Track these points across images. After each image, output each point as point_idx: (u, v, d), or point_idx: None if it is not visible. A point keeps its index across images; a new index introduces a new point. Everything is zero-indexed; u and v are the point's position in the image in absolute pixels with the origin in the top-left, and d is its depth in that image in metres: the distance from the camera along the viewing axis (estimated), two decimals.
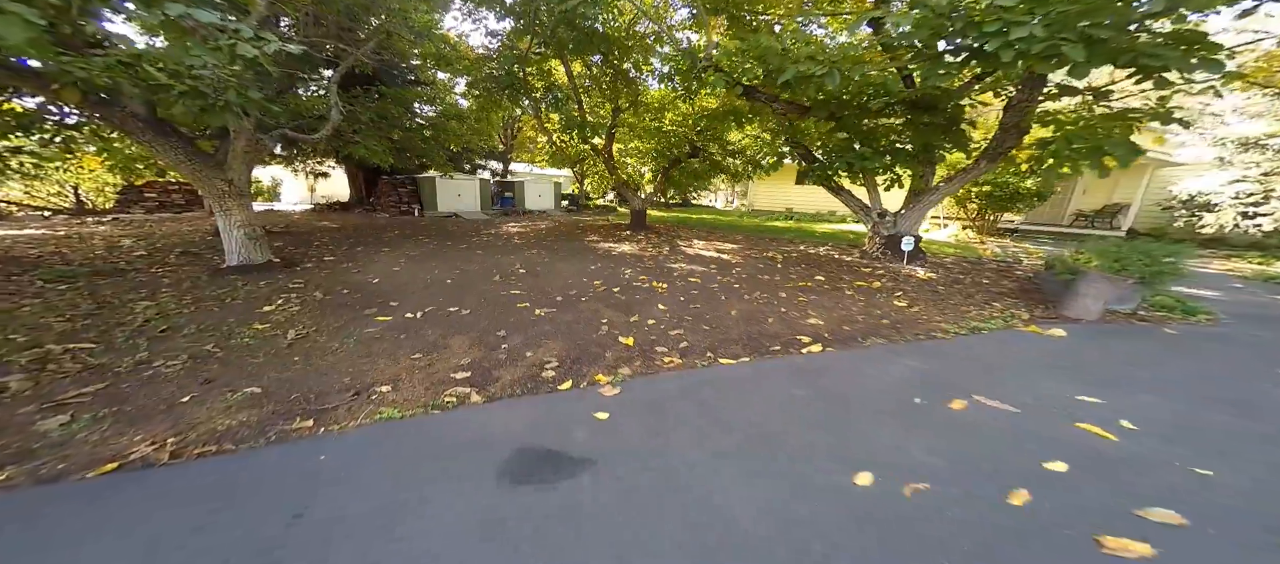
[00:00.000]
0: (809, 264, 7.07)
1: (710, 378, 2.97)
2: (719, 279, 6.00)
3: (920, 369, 3.14)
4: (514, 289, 5.25)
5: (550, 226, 12.80)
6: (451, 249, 8.15)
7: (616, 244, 9.18)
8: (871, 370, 3.12)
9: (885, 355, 3.40)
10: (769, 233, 11.97)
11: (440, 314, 4.30)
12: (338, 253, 7.45)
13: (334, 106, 6.68)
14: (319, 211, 16.23)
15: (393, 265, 6.50)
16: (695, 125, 11.00)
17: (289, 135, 6.37)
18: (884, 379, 2.97)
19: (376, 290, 5.11)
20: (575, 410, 2.55)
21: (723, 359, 3.25)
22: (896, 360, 3.30)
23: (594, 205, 24.12)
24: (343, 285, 5.26)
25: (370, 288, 5.21)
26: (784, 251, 8.39)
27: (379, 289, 5.16)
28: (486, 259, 7.19)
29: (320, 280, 5.45)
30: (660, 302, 4.83)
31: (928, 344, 3.65)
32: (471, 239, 9.61)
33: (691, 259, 7.56)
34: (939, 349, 3.55)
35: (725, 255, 7.97)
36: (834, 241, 10.06)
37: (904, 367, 3.18)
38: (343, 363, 3.18)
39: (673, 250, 8.47)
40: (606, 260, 7.25)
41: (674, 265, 6.96)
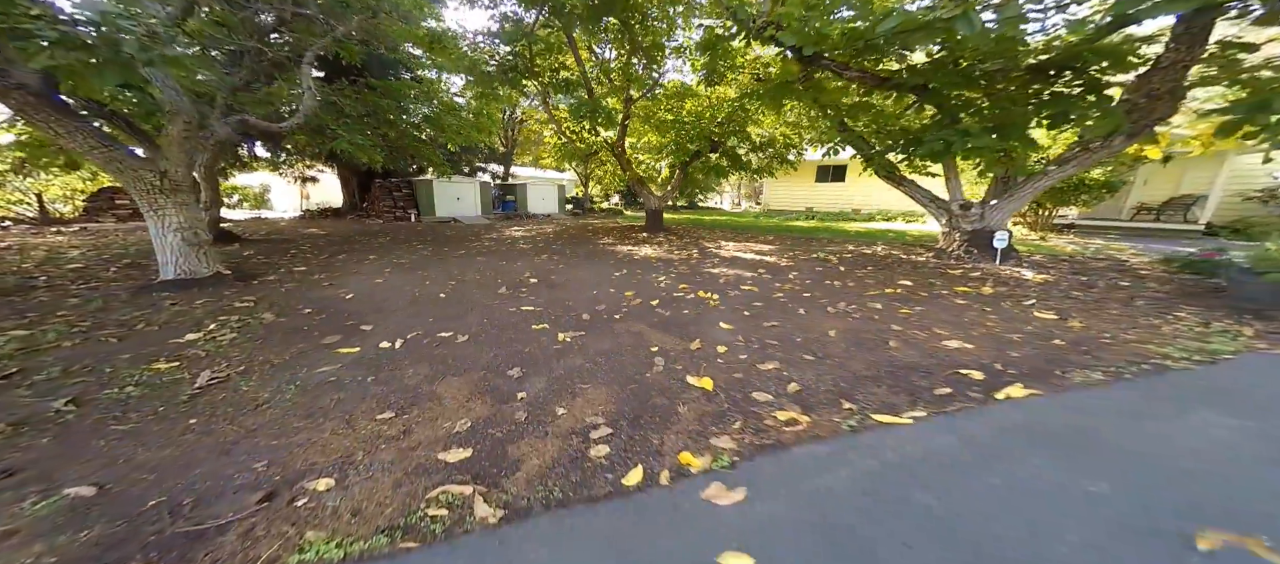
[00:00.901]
0: (877, 266, 5.90)
1: (888, 455, 1.78)
2: (778, 286, 4.83)
3: (1238, 426, 1.95)
4: (526, 305, 4.08)
5: (557, 230, 11.67)
6: (448, 255, 6.99)
7: (636, 247, 8.02)
8: (1162, 431, 1.93)
9: (1142, 400, 2.21)
10: (799, 233, 10.81)
11: (428, 342, 3.13)
12: (313, 262, 6.29)
13: (306, 90, 5.56)
14: (308, 218, 15.12)
15: (376, 276, 5.34)
16: (716, 116, 9.89)
17: (250, 122, 5.24)
18: (1206, 451, 1.79)
19: (347, 309, 3.94)
20: (672, 546, 1.37)
21: (878, 415, 2.07)
22: (1175, 409, 2.12)
23: (599, 208, 23.02)
24: (305, 303, 4.10)
25: (340, 306, 4.05)
26: (832, 252, 7.23)
27: (351, 307, 4.00)
28: (489, 266, 6.03)
29: (278, 297, 4.29)
30: (720, 318, 3.66)
31: (1168, 378, 2.47)
32: (471, 244, 8.47)
33: (729, 262, 6.39)
34: (1201, 384, 2.37)
35: (767, 257, 6.80)
36: (881, 240, 8.90)
37: (1206, 423, 1.99)
38: (266, 428, 2.01)
39: (702, 253, 7.31)
40: (631, 265, 6.09)
41: (713, 270, 5.80)
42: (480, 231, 11.29)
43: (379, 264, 6.16)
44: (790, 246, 8.15)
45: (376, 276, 5.33)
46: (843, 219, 15.02)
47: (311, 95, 5.48)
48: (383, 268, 5.88)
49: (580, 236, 9.90)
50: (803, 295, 4.43)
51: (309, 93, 5.32)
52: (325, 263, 6.26)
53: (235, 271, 5.07)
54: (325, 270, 5.69)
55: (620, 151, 9.76)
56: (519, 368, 2.67)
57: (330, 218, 15.67)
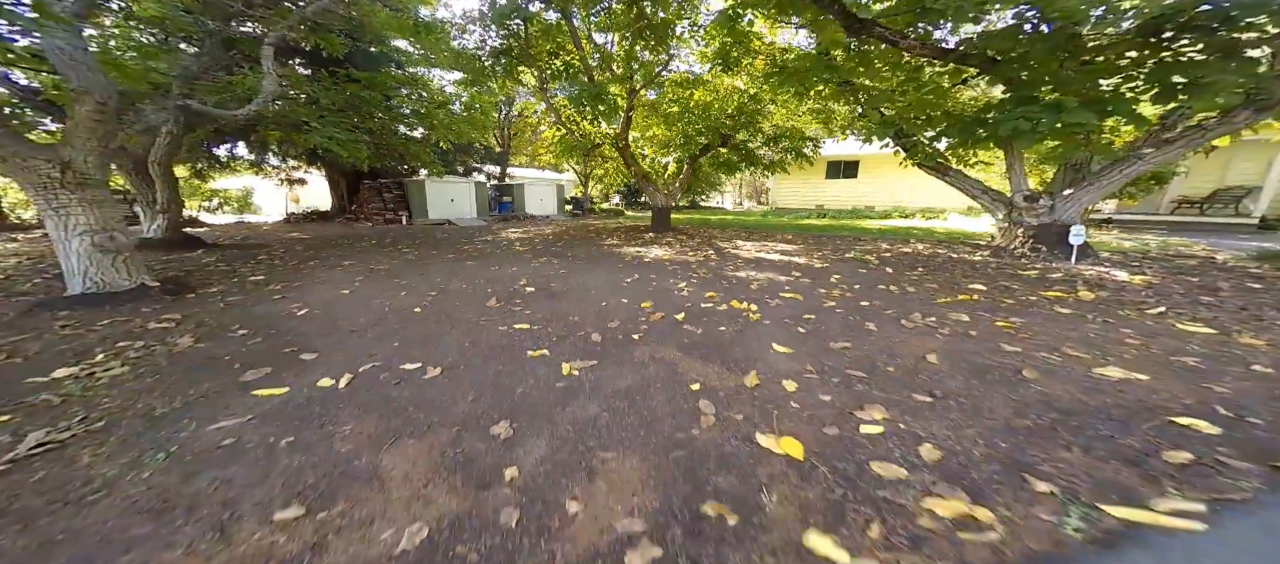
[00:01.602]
0: (929, 267, 5.10)
1: None
2: (822, 292, 4.03)
3: None
4: (520, 322, 3.27)
5: (557, 231, 10.87)
6: (435, 260, 6.17)
7: (644, 248, 7.21)
8: None
9: None
10: (818, 231, 10.01)
11: (386, 378, 2.32)
12: (276, 271, 5.46)
13: (267, 74, 4.76)
14: (292, 222, 14.29)
15: (343, 286, 4.52)
16: (726, 107, 9.12)
17: (194, 108, 4.44)
18: None
19: (293, 329, 3.12)
20: None
21: (1113, 506, 1.26)
22: None
23: (600, 209, 22.23)
24: (242, 322, 3.27)
25: (286, 325, 3.22)
26: (865, 251, 6.43)
27: (299, 327, 3.18)
28: (480, 272, 5.22)
29: (211, 315, 3.46)
30: (769, 337, 2.85)
31: None
32: (463, 247, 7.66)
33: (754, 264, 5.59)
34: None
35: (795, 258, 5.99)
36: (912, 237, 8.11)
37: None
38: (80, 540, 1.20)
39: (720, 254, 6.50)
40: (642, 269, 5.28)
41: (738, 273, 4.99)
42: (474, 234, 10.48)
43: (352, 271, 5.34)
44: (815, 245, 7.35)
45: (344, 286, 4.51)
46: (857, 216, 14.25)
47: (273, 81, 4.68)
48: (355, 276, 5.06)
49: (582, 238, 9.09)
50: (860, 304, 3.62)
51: (269, 78, 4.52)
52: (290, 270, 5.44)
53: (170, 283, 4.25)
54: (286, 279, 4.87)
55: (624, 146, 8.96)
56: (507, 421, 1.85)
57: (317, 222, 14.84)
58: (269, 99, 4.59)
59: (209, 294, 4.12)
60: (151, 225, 6.97)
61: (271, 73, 4.80)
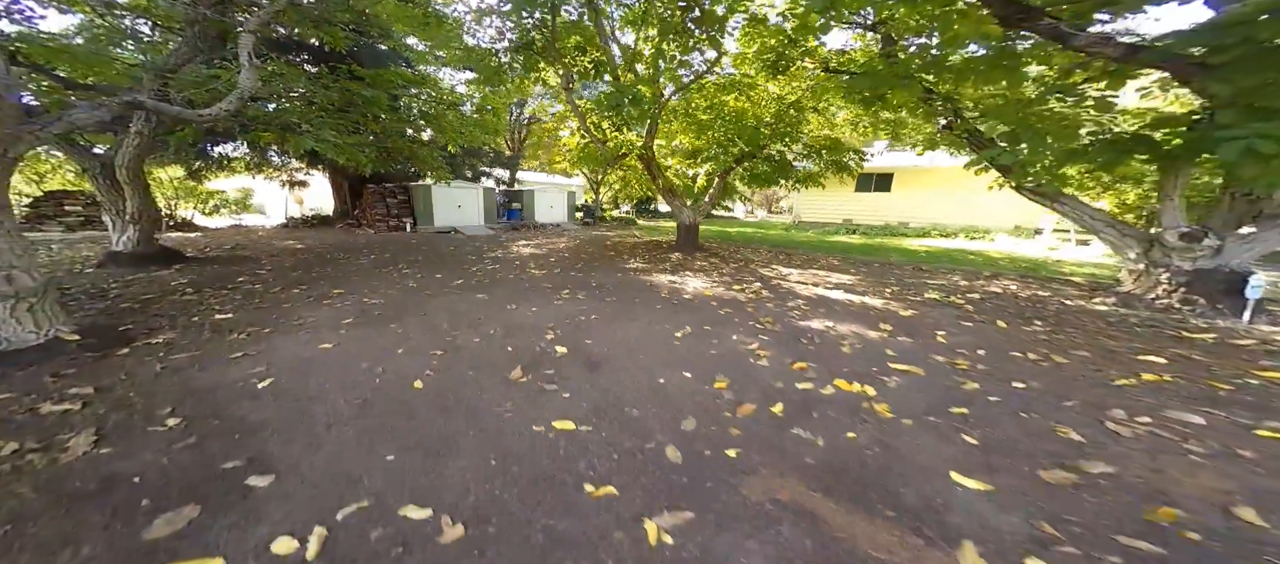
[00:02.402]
0: (1048, 320, 4.17)
1: None
2: (945, 363, 3.12)
3: None
4: (559, 417, 2.36)
5: (571, 245, 9.99)
6: (440, 289, 5.29)
7: (677, 275, 6.32)
8: None
9: None
10: (861, 253, 9.10)
11: (380, 539, 1.43)
12: (250, 302, 4.58)
13: (243, 68, 3.91)
14: (291, 227, 13.52)
15: (327, 331, 3.65)
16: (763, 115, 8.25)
17: (147, 104, 3.59)
18: None
19: (245, 420, 2.24)
20: None
21: None
22: None
23: (610, 217, 21.39)
24: (176, 403, 2.39)
25: (234, 410, 2.34)
26: (947, 290, 5.52)
27: (253, 415, 2.29)
28: (493, 314, 4.32)
29: (137, 387, 2.58)
30: (931, 455, 1.95)
31: None
32: (470, 266, 6.78)
33: (823, 307, 4.68)
34: None
35: (868, 298, 5.08)
36: (983, 268, 7.18)
37: None
38: None
39: (771, 289, 5.61)
40: (692, 315, 4.39)
41: (812, 324, 4.09)
42: (483, 246, 9.63)
43: (341, 306, 4.47)
44: (874, 276, 6.44)
45: (326, 335, 3.63)
46: (890, 233, 13.33)
47: (251, 76, 3.84)
48: (344, 314, 4.19)
49: (600, 256, 8.22)
50: (1012, 385, 2.71)
51: (247, 72, 3.69)
52: (268, 302, 4.57)
53: (97, 334, 3.38)
54: (258, 318, 3.99)
55: (649, 157, 8.09)
56: None
57: (317, 227, 14.07)
58: (246, 97, 3.75)
59: (149, 347, 3.24)
60: (121, 237, 6.14)
61: (249, 66, 3.95)
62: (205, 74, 4.94)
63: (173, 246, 7.83)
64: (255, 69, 3.75)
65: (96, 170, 5.59)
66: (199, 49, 4.93)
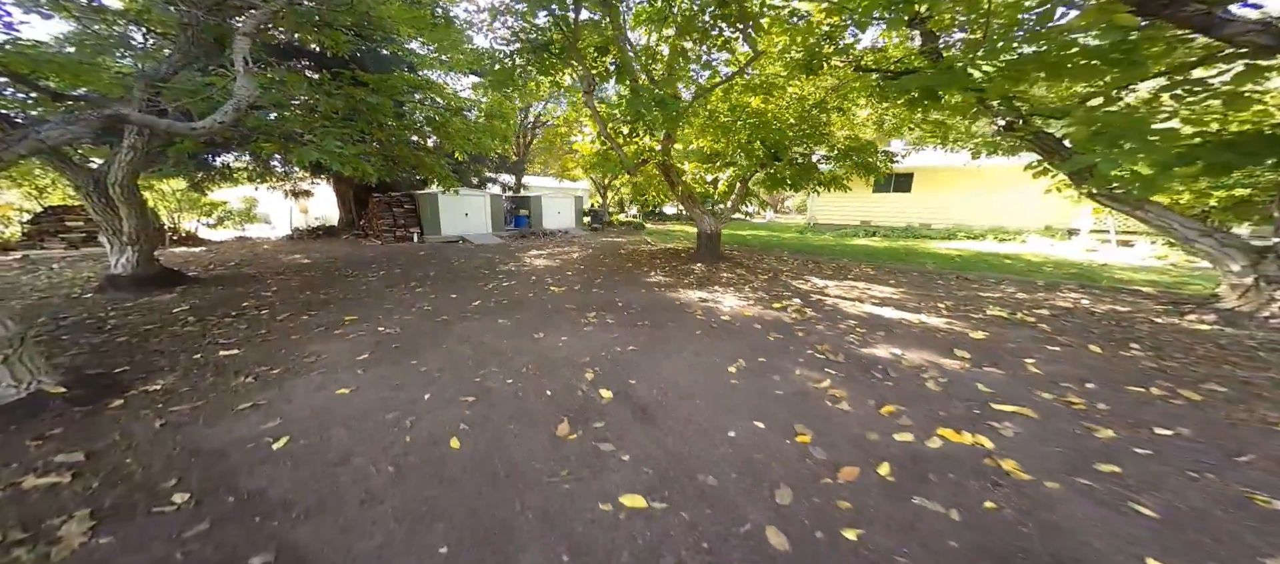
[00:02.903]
0: (1142, 342, 3.78)
1: None
2: (1055, 401, 2.73)
3: None
4: (624, 491, 1.98)
5: (584, 256, 9.61)
6: (457, 312, 4.92)
7: (708, 291, 5.93)
8: None
9: None
10: (892, 260, 8.70)
11: None
12: (258, 332, 4.23)
13: (238, 75, 3.56)
14: (296, 239, 13.20)
15: (344, 373, 3.29)
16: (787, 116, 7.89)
17: (132, 119, 3.24)
18: None
19: (260, 494, 1.88)
20: None
21: None
22: None
23: (617, 222, 21.03)
24: (180, 469, 2.03)
25: (246, 482, 1.97)
26: (1006, 304, 5.13)
27: (268, 489, 1.93)
28: (522, 346, 3.95)
29: (135, 450, 2.23)
30: (1111, 539, 1.58)
31: None
32: (486, 285, 6.41)
33: (882, 330, 4.29)
34: None
35: (926, 318, 4.68)
36: (1036, 277, 6.76)
37: None
38: None
39: (814, 306, 5.23)
40: (742, 344, 4.01)
41: (877, 351, 3.71)
42: (494, 258, 9.27)
43: (355, 337, 4.11)
44: (917, 287, 6.04)
45: (344, 372, 3.27)
46: (912, 235, 12.90)
47: (248, 84, 3.49)
48: (359, 347, 3.83)
49: (618, 268, 7.84)
50: (1156, 434, 2.31)
51: (242, 80, 3.34)
52: (276, 332, 4.22)
53: (93, 380, 3.03)
54: (267, 353, 3.64)
55: (668, 164, 7.72)
56: None
57: (323, 238, 13.76)
58: (242, 106, 3.39)
59: (146, 396, 2.88)
60: (119, 259, 5.81)
61: (244, 73, 3.59)
62: (200, 82, 4.59)
63: (175, 267, 7.52)
64: (252, 75, 3.39)
65: (89, 187, 5.26)
66: (193, 55, 4.57)
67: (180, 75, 4.59)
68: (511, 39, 6.03)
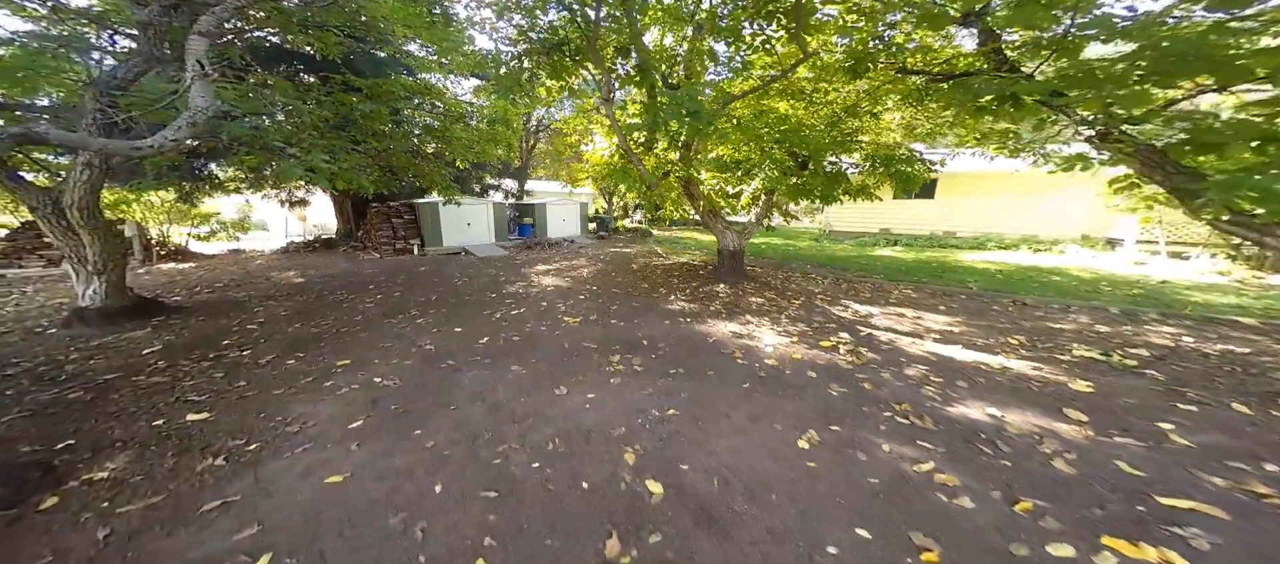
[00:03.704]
0: None
1: None
2: (1250, 496, 2.14)
3: None
4: None
5: (595, 272, 9.01)
6: (463, 353, 4.31)
7: (737, 321, 5.34)
8: None
9: None
10: (924, 276, 8.11)
11: None
12: (236, 383, 3.62)
13: (191, 83, 2.97)
14: (292, 253, 12.59)
15: (330, 455, 2.69)
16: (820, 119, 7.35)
17: (50, 137, 2.65)
18: None
19: None
20: None
21: None
22: None
23: (622, 228, 20.44)
24: None
25: None
26: (1086, 336, 4.54)
27: None
28: (540, 406, 3.34)
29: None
30: None
31: None
32: (494, 314, 5.80)
33: (956, 376, 3.71)
34: None
35: (1006, 359, 4.10)
36: (1113, 302, 6.15)
37: None
38: None
39: (867, 344, 4.64)
40: (786, 394, 3.43)
41: (967, 411, 3.12)
42: (499, 274, 8.68)
43: (348, 392, 3.52)
44: (977, 316, 5.44)
45: (335, 447, 2.68)
46: (937, 245, 12.30)
47: (205, 93, 2.89)
48: (353, 408, 3.23)
49: (633, 287, 7.25)
50: None
51: (196, 89, 2.75)
52: (255, 384, 3.62)
53: (23, 468, 2.44)
54: (241, 421, 3.04)
55: (689, 178, 7.14)
56: None
57: (320, 251, 13.16)
58: (198, 120, 2.80)
59: (90, 489, 2.29)
60: (87, 290, 5.22)
61: (200, 81, 2.99)
62: (162, 90, 3.99)
63: (155, 292, 6.94)
64: (209, 83, 2.81)
65: (47, 209, 4.66)
66: (155, 59, 3.97)
67: (142, 82, 3.99)
68: (519, 39, 5.43)
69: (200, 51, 2.84)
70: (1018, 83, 3.57)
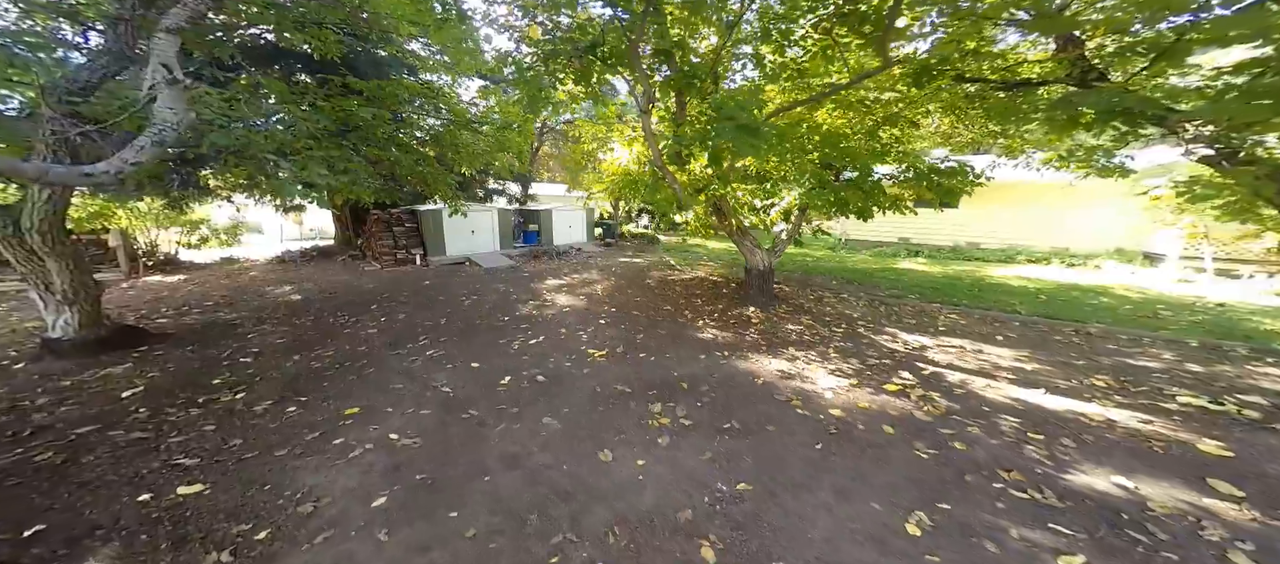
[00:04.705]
0: None
1: None
2: None
3: None
4: None
5: (609, 288, 8.49)
6: (487, 400, 3.79)
7: (782, 357, 4.84)
8: None
9: None
10: (961, 294, 7.65)
11: None
12: (230, 441, 3.10)
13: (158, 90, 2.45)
14: (284, 264, 12.01)
15: (352, 544, 2.18)
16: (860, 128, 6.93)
17: None
18: None
19: None
20: None
21: None
22: None
23: (629, 234, 19.92)
24: None
25: None
26: (1186, 380, 4.08)
27: None
28: (586, 474, 2.82)
29: None
30: None
31: None
32: (509, 341, 5.27)
33: (1058, 429, 3.23)
34: None
35: (1109, 410, 3.62)
36: (1191, 335, 5.67)
37: None
38: None
39: (935, 386, 4.17)
40: (864, 457, 2.95)
41: (1093, 479, 2.64)
42: (508, 291, 8.15)
43: (362, 454, 3.00)
44: (1041, 348, 4.97)
45: (361, 543, 2.17)
46: (962, 257, 11.86)
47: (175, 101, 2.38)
48: (370, 478, 2.72)
49: (657, 312, 6.74)
50: None
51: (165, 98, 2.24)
52: (253, 435, 3.10)
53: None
54: (240, 495, 2.52)
55: (722, 198, 6.66)
56: None
57: (317, 261, 12.59)
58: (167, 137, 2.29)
59: None
60: (56, 320, 4.67)
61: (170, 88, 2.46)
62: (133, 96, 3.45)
63: (135, 319, 6.37)
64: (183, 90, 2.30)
65: (8, 231, 4.12)
66: (127, 59, 3.42)
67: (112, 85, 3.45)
68: (543, 42, 4.88)
69: (169, 53, 2.33)
70: (1129, 96, 3.10)
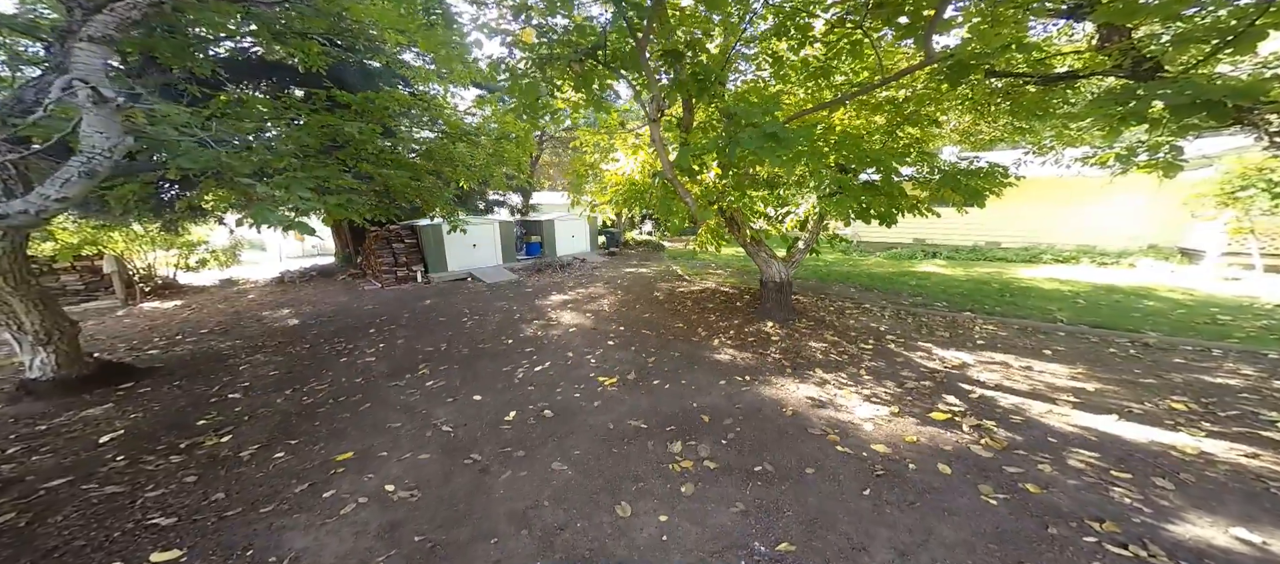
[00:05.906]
0: None
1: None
2: None
3: None
4: None
5: (616, 303, 8.11)
6: (490, 442, 3.40)
7: (810, 382, 4.43)
8: None
9: None
10: (990, 300, 7.21)
11: None
12: (210, 497, 2.73)
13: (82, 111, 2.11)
14: (284, 284, 11.74)
15: None
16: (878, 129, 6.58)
17: None
18: None
19: None
20: None
21: None
22: None
23: (632, 242, 19.57)
24: None
25: None
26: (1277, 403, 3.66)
27: None
28: (609, 547, 2.44)
29: None
30: None
31: None
32: (513, 369, 4.89)
33: (1148, 471, 2.81)
34: None
35: (1203, 440, 3.21)
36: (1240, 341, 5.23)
37: None
38: None
39: (988, 413, 3.75)
40: (929, 512, 2.54)
41: (1201, 530, 2.23)
42: (512, 309, 7.79)
43: (354, 510, 2.63)
44: (1098, 364, 4.52)
45: None
46: (982, 257, 11.38)
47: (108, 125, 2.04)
48: (365, 540, 2.36)
49: (669, 331, 6.35)
50: None
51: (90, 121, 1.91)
52: (238, 490, 2.75)
53: None
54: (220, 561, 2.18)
55: (736, 210, 6.29)
56: None
57: (316, 281, 12.31)
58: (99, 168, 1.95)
59: None
60: (33, 361, 4.37)
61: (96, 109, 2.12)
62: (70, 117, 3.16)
63: (128, 348, 6.08)
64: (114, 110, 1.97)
65: None
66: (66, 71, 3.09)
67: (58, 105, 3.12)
68: (537, 44, 4.55)
69: (94, 67, 1.99)
70: (1213, 86, 2.70)
